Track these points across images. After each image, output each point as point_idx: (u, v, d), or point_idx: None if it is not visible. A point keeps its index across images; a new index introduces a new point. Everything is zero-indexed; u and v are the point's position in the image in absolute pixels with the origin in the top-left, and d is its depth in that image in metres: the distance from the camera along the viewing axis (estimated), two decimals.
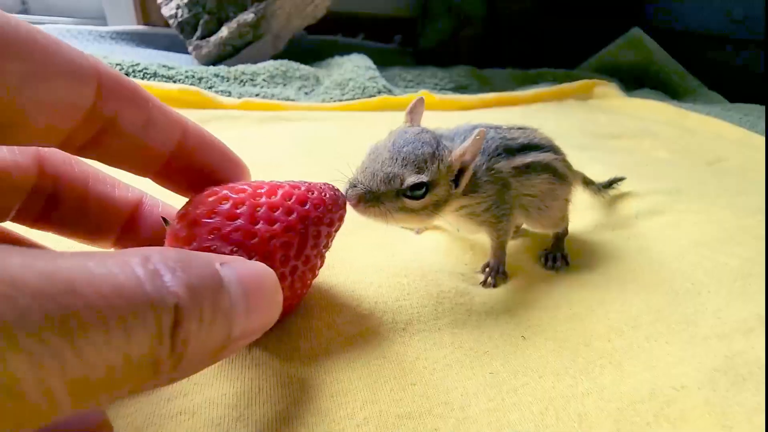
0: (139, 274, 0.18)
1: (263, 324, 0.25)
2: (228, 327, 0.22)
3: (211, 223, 0.30)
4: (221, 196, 0.31)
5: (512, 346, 0.41)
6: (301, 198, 0.33)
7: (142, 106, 0.29)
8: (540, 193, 0.51)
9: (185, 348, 0.19)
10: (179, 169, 0.33)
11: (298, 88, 1.09)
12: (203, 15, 1.26)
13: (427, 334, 0.41)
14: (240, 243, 0.30)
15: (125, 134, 0.29)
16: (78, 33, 1.57)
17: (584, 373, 0.38)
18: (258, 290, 0.24)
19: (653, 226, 0.66)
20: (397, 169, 0.40)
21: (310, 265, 0.34)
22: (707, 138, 1.12)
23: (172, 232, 0.31)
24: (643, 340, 0.42)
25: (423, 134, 0.43)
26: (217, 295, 0.21)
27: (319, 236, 0.34)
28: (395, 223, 0.42)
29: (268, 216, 0.31)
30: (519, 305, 0.46)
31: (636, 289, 0.49)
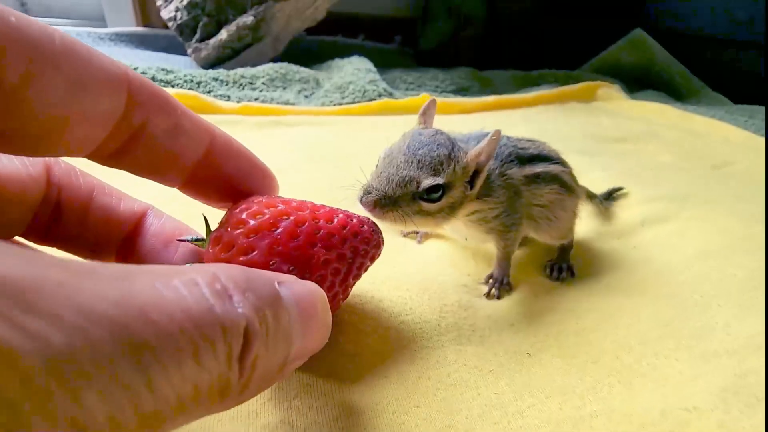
0: (208, 296, 0.18)
1: (317, 344, 0.25)
2: (288, 348, 0.22)
3: (273, 237, 0.29)
4: (282, 211, 0.30)
5: (518, 364, 0.39)
6: (354, 229, 0.34)
7: (170, 113, 0.28)
8: (549, 203, 0.50)
9: (253, 371, 0.19)
10: (207, 179, 0.32)
11: (297, 91, 1.08)
12: (202, 18, 1.25)
13: (430, 351, 0.40)
14: (296, 262, 0.29)
15: (154, 142, 0.28)
16: (77, 34, 1.56)
17: (592, 392, 0.37)
18: (312, 310, 0.24)
19: (658, 235, 0.65)
20: (412, 172, 0.39)
21: (345, 295, 0.35)
22: (713, 141, 1.11)
23: (227, 238, 0.29)
24: (653, 357, 0.40)
25: (438, 136, 0.42)
26: (279, 315, 0.21)
27: (361, 268, 0.35)
28: (412, 226, 0.42)
29: (326, 241, 0.31)
30: (524, 319, 0.45)
31: (644, 301, 0.48)
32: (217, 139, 0.31)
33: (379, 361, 0.38)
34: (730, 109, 1.37)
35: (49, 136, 0.23)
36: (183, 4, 1.24)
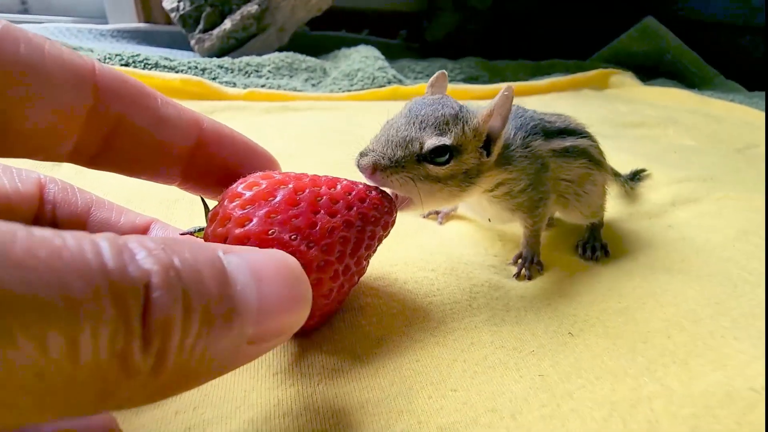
0: (102, 246, 0.15)
1: (287, 323, 0.21)
2: (239, 325, 0.18)
3: (271, 205, 0.27)
4: (280, 180, 0.28)
5: (560, 345, 0.36)
6: (360, 195, 0.31)
7: (150, 104, 0.27)
8: (578, 179, 0.46)
9: (166, 342, 0.16)
10: (204, 170, 0.30)
11: (304, 79, 1.05)
12: (206, 7, 1.22)
13: (463, 332, 0.36)
14: (299, 230, 0.27)
15: (136, 135, 0.27)
16: (78, 31, 1.54)
17: (647, 373, 0.33)
18: (277, 281, 0.21)
19: (692, 215, 0.61)
20: (414, 132, 0.36)
21: (359, 269, 0.32)
22: (734, 125, 1.07)
23: (222, 213, 0.27)
24: (708, 336, 0.37)
25: (444, 99, 0.39)
26: (219, 284, 0.18)
27: (373, 237, 0.32)
28: (424, 197, 0.37)
29: (329, 207, 0.29)
30: (561, 298, 0.42)
31: (687, 279, 0.45)
32: (207, 128, 0.30)
33: (407, 345, 0.34)
34: (748, 95, 1.33)
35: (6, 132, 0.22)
36: None
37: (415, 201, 0.37)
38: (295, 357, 0.32)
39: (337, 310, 0.34)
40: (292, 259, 0.23)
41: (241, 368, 0.31)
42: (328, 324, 0.35)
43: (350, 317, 0.36)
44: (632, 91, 1.32)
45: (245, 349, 0.19)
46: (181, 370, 0.17)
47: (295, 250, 0.26)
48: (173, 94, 0.82)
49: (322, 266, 0.28)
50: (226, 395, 0.29)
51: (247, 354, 0.20)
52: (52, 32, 1.42)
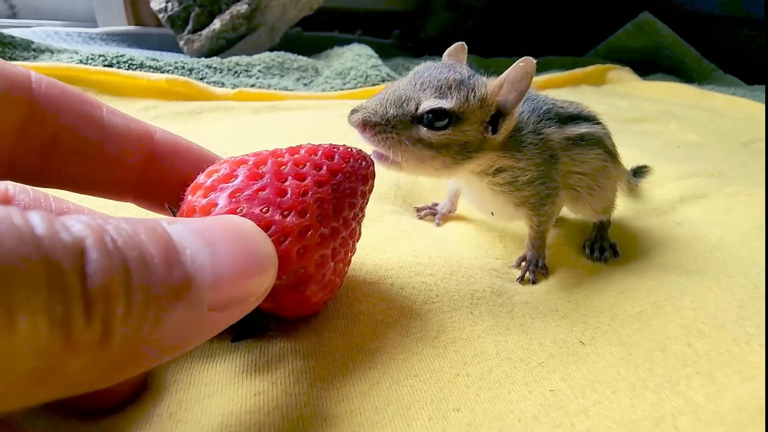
0: (33, 216, 0.15)
1: (251, 285, 0.21)
2: (195, 291, 0.18)
3: (233, 186, 0.26)
4: (237, 161, 0.27)
5: (571, 355, 0.33)
6: (327, 152, 0.30)
7: (93, 114, 0.26)
8: (592, 171, 0.43)
9: (110, 309, 0.15)
10: (158, 184, 0.29)
11: (296, 79, 1.02)
12: (194, 8, 1.19)
13: (465, 343, 0.33)
14: (270, 201, 0.26)
15: (79, 149, 0.25)
16: (67, 35, 1.51)
17: (668, 386, 0.30)
18: (230, 242, 0.20)
19: (702, 211, 0.59)
20: (411, 92, 0.34)
21: (350, 231, 0.30)
22: (737, 119, 1.05)
23: (186, 206, 0.26)
24: (732, 343, 0.34)
25: (456, 65, 0.36)
26: (162, 250, 0.17)
27: (355, 194, 0.30)
28: (413, 162, 0.35)
29: (295, 171, 0.28)
30: (569, 304, 0.39)
31: (704, 281, 0.42)
32: (160, 139, 0.29)
33: (404, 358, 0.31)
34: (749, 88, 1.31)
35: None
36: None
37: (396, 165, 0.35)
38: (281, 374, 0.29)
39: (341, 284, 0.32)
40: (245, 220, 0.23)
41: (215, 389, 0.27)
42: (317, 334, 0.32)
43: (342, 326, 0.33)
44: (631, 87, 1.30)
45: (208, 317, 0.19)
46: (135, 342, 0.16)
47: (270, 221, 0.25)
48: (159, 94, 0.79)
49: (303, 232, 0.26)
50: (197, 420, 0.25)
51: (212, 322, 0.19)
52: (41, 36, 1.39)
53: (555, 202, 0.42)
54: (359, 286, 0.36)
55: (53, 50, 0.98)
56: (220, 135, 0.68)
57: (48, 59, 0.93)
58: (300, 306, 0.29)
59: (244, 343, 0.31)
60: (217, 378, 0.28)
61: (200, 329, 0.19)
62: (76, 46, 1.39)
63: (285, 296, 0.27)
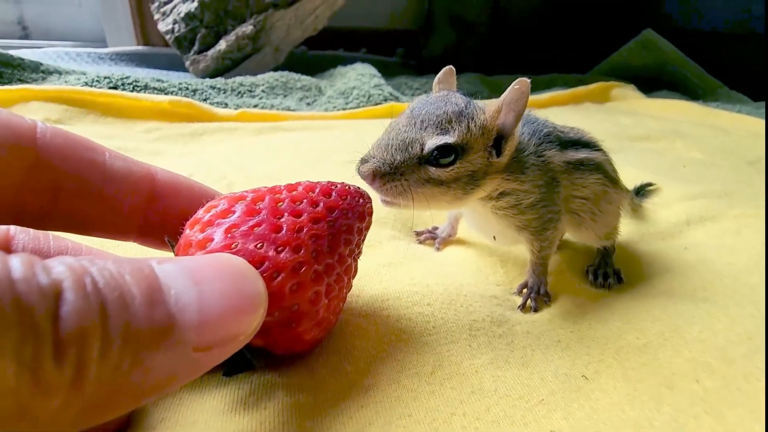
0: (12, 260, 0.15)
1: (239, 325, 0.21)
2: (177, 332, 0.18)
3: (230, 221, 0.26)
4: (236, 197, 0.28)
5: (573, 391, 0.32)
6: (324, 190, 0.30)
7: (96, 160, 0.27)
8: (593, 196, 0.43)
9: (83, 353, 0.15)
10: (160, 223, 0.30)
11: (299, 98, 1.02)
12: (201, 29, 1.21)
13: (462, 378, 0.32)
14: (265, 237, 0.26)
15: (83, 193, 0.27)
16: (77, 55, 1.54)
17: (677, 427, 0.29)
18: (219, 281, 0.20)
19: (710, 234, 0.57)
20: (414, 134, 0.34)
21: (345, 267, 0.30)
22: (742, 136, 1.03)
23: (184, 241, 0.27)
24: (742, 380, 0.32)
25: (450, 96, 0.37)
26: (146, 291, 0.17)
27: (351, 231, 0.31)
28: (424, 203, 0.35)
29: (292, 208, 0.28)
30: (572, 334, 0.38)
31: (712, 310, 0.40)
32: (161, 179, 0.30)
33: (398, 395, 0.30)
34: (755, 105, 1.30)
35: None
36: (181, 17, 1.21)
37: (409, 207, 0.35)
38: (269, 413, 0.28)
39: (336, 322, 0.32)
40: (238, 258, 0.23)
41: (201, 427, 0.26)
42: (308, 369, 0.31)
43: (334, 361, 0.32)
44: (635, 104, 1.29)
45: (193, 357, 0.19)
46: (112, 385, 0.16)
47: (263, 257, 0.25)
48: (163, 116, 0.79)
49: (297, 268, 0.26)
50: None
51: (197, 362, 0.19)
52: (51, 56, 1.42)
53: (557, 227, 0.41)
54: (354, 320, 0.35)
55: (61, 72, 1.00)
56: (222, 157, 0.68)
57: (56, 81, 0.94)
58: (293, 343, 0.29)
59: (236, 378, 0.30)
60: (204, 416, 0.27)
61: (184, 370, 0.19)
62: (86, 66, 1.41)
63: (277, 333, 0.27)
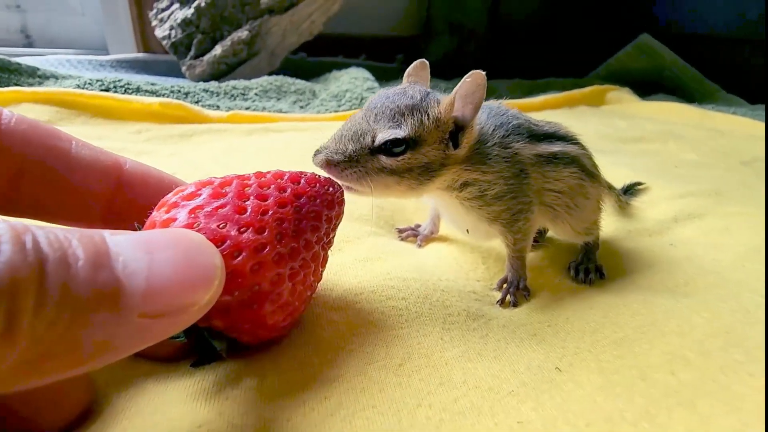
0: None
1: (192, 296, 0.21)
2: (121, 297, 0.18)
3: (193, 203, 0.27)
4: (204, 182, 0.28)
5: (545, 382, 0.31)
6: (293, 177, 0.30)
7: (61, 147, 0.28)
8: (568, 189, 0.42)
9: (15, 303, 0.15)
10: (126, 211, 0.30)
11: (292, 102, 1.03)
12: (197, 34, 1.23)
13: (431, 371, 0.31)
14: (228, 217, 0.26)
15: (46, 180, 0.27)
16: (78, 62, 1.56)
17: (647, 418, 0.28)
18: (171, 251, 0.20)
19: (697, 232, 0.56)
20: (365, 126, 0.35)
21: (312, 253, 0.30)
22: (738, 138, 1.03)
23: (149, 221, 0.27)
24: (718, 372, 0.32)
25: (408, 88, 0.37)
26: (92, 254, 0.18)
27: (319, 218, 0.30)
28: (380, 190, 0.37)
29: (258, 192, 0.28)
30: (548, 328, 0.37)
31: (693, 305, 0.40)
32: (129, 170, 0.30)
33: (364, 387, 0.30)
34: (750, 108, 1.29)
35: None
36: (177, 22, 1.22)
37: (366, 193, 0.37)
38: (230, 404, 0.28)
39: (303, 309, 0.32)
40: (196, 233, 0.24)
41: (160, 418, 0.26)
42: (273, 360, 0.31)
43: (302, 354, 0.32)
44: (630, 107, 1.29)
45: (139, 323, 0.19)
46: (49, 341, 0.16)
47: (225, 236, 0.26)
48: (153, 117, 0.80)
49: (259, 248, 0.26)
50: None
51: (144, 329, 0.19)
52: (53, 64, 1.44)
53: (529, 219, 0.41)
54: (325, 313, 0.35)
55: (58, 76, 1.01)
56: (210, 157, 0.69)
57: (52, 85, 0.96)
58: (255, 327, 0.28)
59: (202, 368, 0.30)
60: (164, 406, 0.27)
61: (129, 335, 0.19)
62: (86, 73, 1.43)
63: (238, 314, 0.27)
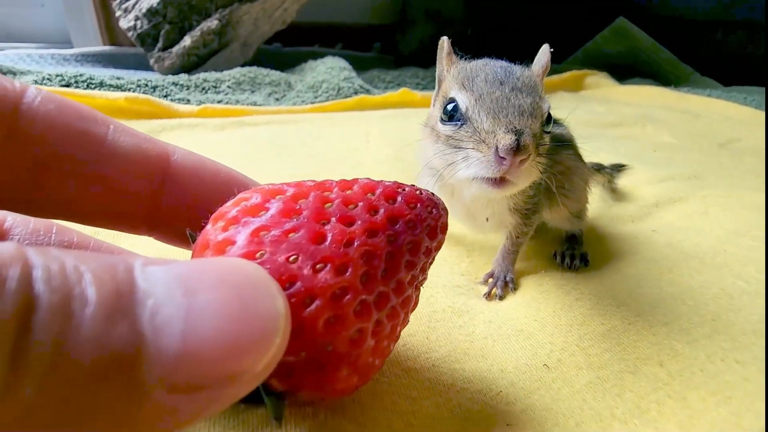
0: None
1: (240, 361, 0.15)
2: (146, 361, 0.13)
3: (259, 222, 0.20)
4: (273, 190, 0.22)
5: (533, 381, 0.30)
6: (388, 193, 0.23)
7: (92, 133, 0.22)
8: (566, 170, 0.41)
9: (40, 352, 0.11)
10: (175, 213, 0.25)
11: (267, 94, 1.00)
12: (164, 25, 1.17)
13: (417, 373, 0.30)
14: (301, 247, 0.20)
15: (74, 171, 0.22)
16: (40, 57, 1.48)
17: (638, 413, 0.27)
18: (221, 295, 0.15)
19: (678, 216, 0.57)
20: (528, 98, 0.30)
21: (403, 298, 0.23)
22: (714, 120, 1.04)
23: (201, 240, 0.21)
24: (706, 361, 0.31)
25: (502, 63, 0.35)
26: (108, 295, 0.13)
27: (417, 251, 0.23)
28: (524, 181, 0.32)
29: (342, 212, 0.21)
30: (535, 323, 0.36)
31: (678, 293, 0.39)
32: (179, 161, 0.25)
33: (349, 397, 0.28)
34: (725, 90, 1.31)
35: None
36: (143, 12, 1.16)
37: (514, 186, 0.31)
38: None
39: (381, 366, 0.24)
40: (253, 265, 0.17)
41: None
42: None
43: None
44: (608, 91, 1.30)
45: (163, 402, 0.13)
46: (24, 419, 0.11)
47: (295, 276, 0.19)
48: (119, 114, 0.76)
49: (339, 295, 0.20)
50: None
51: (174, 411, 0.13)
52: (12, 59, 1.36)
53: (540, 210, 0.41)
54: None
55: (16, 72, 0.95)
56: None
57: None
58: (324, 391, 0.21)
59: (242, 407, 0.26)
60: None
61: (150, 418, 0.13)
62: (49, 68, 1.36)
63: (302, 378, 0.20)
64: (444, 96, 0.35)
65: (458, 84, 0.33)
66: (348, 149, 0.71)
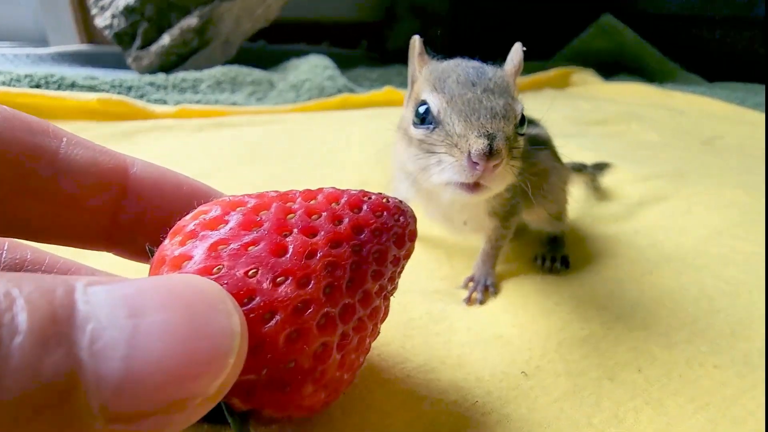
0: None
1: (189, 385, 0.14)
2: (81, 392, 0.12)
3: (217, 235, 0.20)
4: (233, 202, 0.21)
5: (511, 389, 0.29)
6: (353, 201, 0.23)
7: (44, 147, 0.21)
8: (543, 172, 0.41)
9: None
10: (134, 228, 0.24)
11: (248, 93, 0.98)
12: (142, 23, 1.14)
13: (391, 386, 0.29)
14: (261, 260, 0.19)
15: (27, 188, 0.21)
16: (14, 56, 1.44)
17: (615, 422, 0.27)
18: (169, 311, 0.14)
19: (661, 215, 0.56)
20: (499, 99, 0.29)
21: (371, 309, 0.22)
22: (697, 117, 1.04)
23: (158, 256, 0.20)
24: (684, 366, 0.31)
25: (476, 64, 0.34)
26: (40, 321, 0.12)
27: (384, 260, 0.22)
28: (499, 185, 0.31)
29: (305, 223, 0.21)
30: (513, 328, 0.35)
31: (658, 295, 0.39)
32: (138, 173, 0.24)
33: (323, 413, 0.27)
34: (709, 86, 1.32)
35: None
36: (119, 10, 1.13)
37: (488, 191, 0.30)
38: None
39: (352, 380, 0.23)
40: (204, 280, 0.17)
41: None
42: None
43: None
44: (594, 89, 1.30)
45: (102, 431, 0.12)
46: None
47: (253, 290, 0.18)
48: (91, 115, 0.74)
49: (301, 309, 0.19)
50: None
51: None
52: None
53: (518, 213, 0.40)
54: None
55: None
56: (156, 157, 0.64)
57: None
58: (289, 409, 0.20)
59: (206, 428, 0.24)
60: None
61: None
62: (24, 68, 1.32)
63: (265, 396, 0.19)
64: (416, 98, 0.33)
65: (430, 85, 0.32)
66: (329, 150, 0.70)
